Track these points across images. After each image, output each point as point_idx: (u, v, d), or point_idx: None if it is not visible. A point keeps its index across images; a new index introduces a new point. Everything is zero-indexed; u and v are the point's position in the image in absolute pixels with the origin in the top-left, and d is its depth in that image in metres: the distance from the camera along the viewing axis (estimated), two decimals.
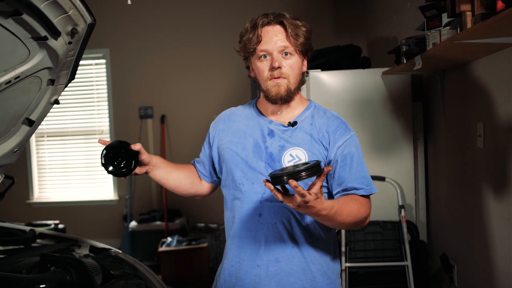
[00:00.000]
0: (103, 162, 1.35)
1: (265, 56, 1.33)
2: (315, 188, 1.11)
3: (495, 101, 1.95)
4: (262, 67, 1.34)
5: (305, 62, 1.40)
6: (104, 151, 1.35)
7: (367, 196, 1.36)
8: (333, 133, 1.37)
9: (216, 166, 1.50)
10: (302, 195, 1.07)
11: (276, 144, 1.37)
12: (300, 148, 1.35)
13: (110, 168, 1.35)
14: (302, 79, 1.39)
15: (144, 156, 1.40)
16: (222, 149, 1.44)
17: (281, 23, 1.32)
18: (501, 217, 1.93)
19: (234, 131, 1.43)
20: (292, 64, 1.34)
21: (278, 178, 1.08)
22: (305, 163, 1.16)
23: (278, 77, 1.33)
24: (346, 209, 1.24)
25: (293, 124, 1.38)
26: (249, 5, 4.52)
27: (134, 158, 1.35)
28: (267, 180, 1.11)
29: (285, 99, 1.35)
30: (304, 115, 1.41)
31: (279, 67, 1.32)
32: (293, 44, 1.32)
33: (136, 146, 1.37)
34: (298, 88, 1.39)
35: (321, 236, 1.38)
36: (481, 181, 2.12)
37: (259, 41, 1.32)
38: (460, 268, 2.42)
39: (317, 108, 1.44)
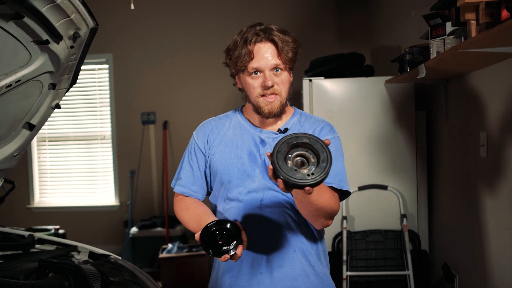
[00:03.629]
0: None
1: (256, 73, 1.33)
2: None
3: (499, 111, 1.93)
4: (254, 83, 1.34)
5: (291, 73, 1.40)
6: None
7: (338, 193, 1.32)
8: (319, 133, 1.39)
9: (208, 178, 1.44)
10: None
11: (269, 151, 1.36)
12: None
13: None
14: (291, 90, 1.41)
15: None
16: (215, 160, 1.40)
17: (272, 40, 1.32)
18: (503, 227, 1.91)
19: (225, 141, 1.42)
20: (283, 80, 1.35)
21: (293, 186, 1.03)
22: (318, 159, 1.06)
23: (271, 94, 1.34)
24: (326, 194, 1.22)
25: (283, 131, 1.40)
26: (252, 12, 4.53)
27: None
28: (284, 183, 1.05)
29: (278, 114, 1.37)
30: (291, 121, 1.43)
31: (272, 85, 1.32)
32: (284, 61, 1.33)
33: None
34: (288, 100, 1.40)
35: (317, 238, 1.40)
36: (483, 190, 2.10)
37: (250, 58, 1.32)
38: (462, 278, 2.39)
39: (303, 114, 1.47)
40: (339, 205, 1.30)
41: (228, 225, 1.19)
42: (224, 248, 1.16)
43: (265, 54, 1.32)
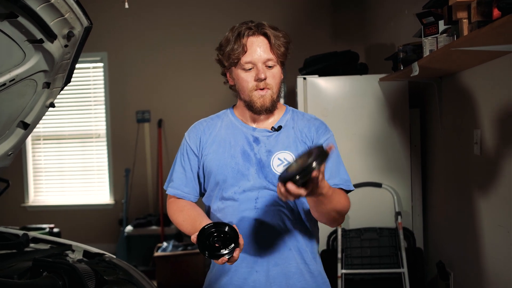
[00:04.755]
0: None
1: (249, 66, 1.34)
2: (322, 167, 1.09)
3: (492, 108, 1.95)
4: (247, 77, 1.35)
5: (283, 69, 1.41)
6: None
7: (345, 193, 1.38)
8: (316, 133, 1.40)
9: (201, 179, 1.44)
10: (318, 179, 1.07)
11: (263, 149, 1.38)
12: (286, 151, 1.37)
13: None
14: (282, 87, 1.42)
15: None
16: (208, 161, 1.40)
17: (265, 34, 1.33)
18: (497, 225, 1.93)
19: (218, 141, 1.41)
20: (275, 74, 1.36)
21: (299, 175, 1.04)
22: (309, 153, 1.11)
23: (263, 88, 1.34)
24: (337, 195, 1.26)
25: (277, 128, 1.40)
26: (247, 8, 4.53)
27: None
28: (282, 183, 1.07)
29: (270, 109, 1.37)
30: (285, 119, 1.43)
31: (265, 78, 1.33)
32: (276, 55, 1.34)
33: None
34: (279, 96, 1.40)
35: (312, 235, 1.41)
36: (477, 188, 2.12)
37: (244, 51, 1.33)
38: (456, 275, 2.41)
39: (295, 112, 1.47)
40: (349, 205, 1.36)
41: (226, 228, 1.19)
42: (222, 251, 1.16)
43: (258, 47, 1.33)
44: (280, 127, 1.40)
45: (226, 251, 1.15)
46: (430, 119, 2.81)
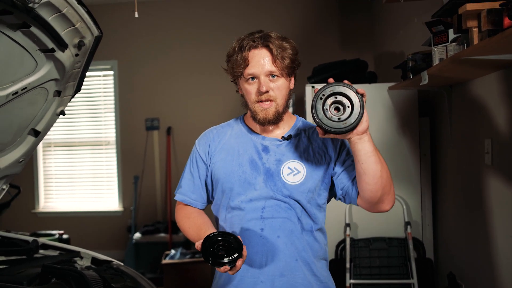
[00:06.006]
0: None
1: (252, 79, 1.34)
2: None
3: (503, 118, 1.93)
4: (250, 89, 1.35)
5: (293, 80, 1.40)
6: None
7: None
8: (332, 143, 1.39)
9: (209, 187, 1.45)
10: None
11: (272, 159, 1.37)
12: (297, 161, 1.37)
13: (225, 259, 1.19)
14: (290, 97, 1.40)
15: None
16: (216, 169, 1.40)
17: (267, 47, 1.32)
18: (510, 236, 1.90)
19: (226, 149, 1.42)
20: (279, 86, 1.34)
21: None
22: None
23: (266, 101, 1.34)
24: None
25: (287, 137, 1.40)
26: (259, 18, 4.55)
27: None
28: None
29: (274, 122, 1.36)
30: (295, 128, 1.43)
31: (267, 91, 1.33)
32: (280, 67, 1.32)
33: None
34: (286, 107, 1.39)
35: (321, 247, 1.40)
36: (489, 198, 2.09)
37: (246, 64, 1.33)
38: (468, 287, 2.38)
39: (305, 122, 1.47)
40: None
41: (231, 238, 1.20)
42: (225, 259, 1.17)
43: (260, 60, 1.32)
44: (290, 136, 1.40)
45: (229, 260, 1.16)
46: (440, 128, 2.78)
